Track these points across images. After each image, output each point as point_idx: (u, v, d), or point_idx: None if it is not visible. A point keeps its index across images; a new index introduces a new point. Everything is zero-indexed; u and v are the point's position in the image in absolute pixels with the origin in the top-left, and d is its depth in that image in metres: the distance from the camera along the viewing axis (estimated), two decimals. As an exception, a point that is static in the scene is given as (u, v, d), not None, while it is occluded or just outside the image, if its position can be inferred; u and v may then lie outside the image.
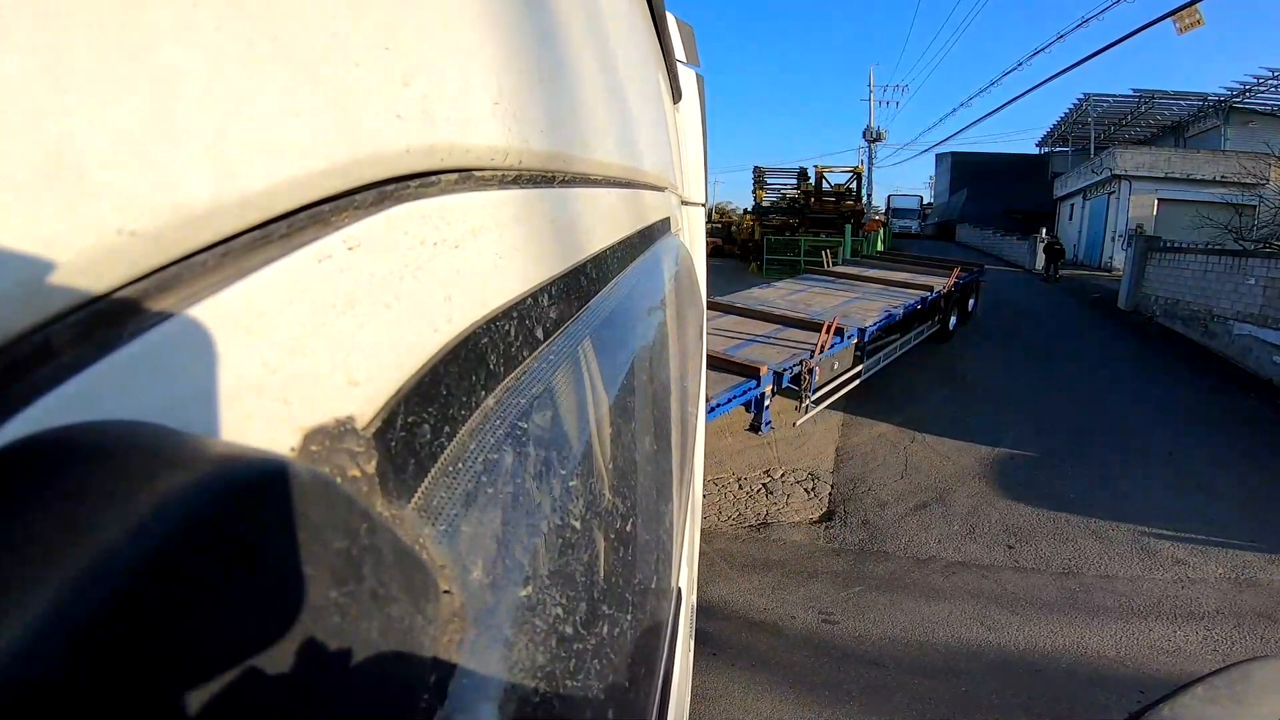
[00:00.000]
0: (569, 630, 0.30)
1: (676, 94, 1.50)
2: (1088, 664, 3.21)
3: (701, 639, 3.18)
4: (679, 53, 1.67)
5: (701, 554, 3.84)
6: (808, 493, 4.80)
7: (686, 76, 1.73)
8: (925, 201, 40.38)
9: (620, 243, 0.60)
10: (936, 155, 39.85)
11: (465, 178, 0.30)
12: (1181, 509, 4.66)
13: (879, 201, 32.74)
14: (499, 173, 0.33)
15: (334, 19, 0.21)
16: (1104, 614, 3.57)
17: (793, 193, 19.90)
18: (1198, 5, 11.22)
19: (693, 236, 1.57)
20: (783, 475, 5.04)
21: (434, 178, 0.27)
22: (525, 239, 0.35)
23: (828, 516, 4.51)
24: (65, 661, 0.11)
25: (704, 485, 4.55)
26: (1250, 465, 5.46)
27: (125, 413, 0.14)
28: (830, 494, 4.80)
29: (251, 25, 0.18)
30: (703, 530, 4.13)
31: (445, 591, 0.21)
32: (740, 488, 4.84)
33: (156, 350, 0.15)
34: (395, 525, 0.20)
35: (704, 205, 1.96)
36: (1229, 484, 5.11)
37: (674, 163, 1.28)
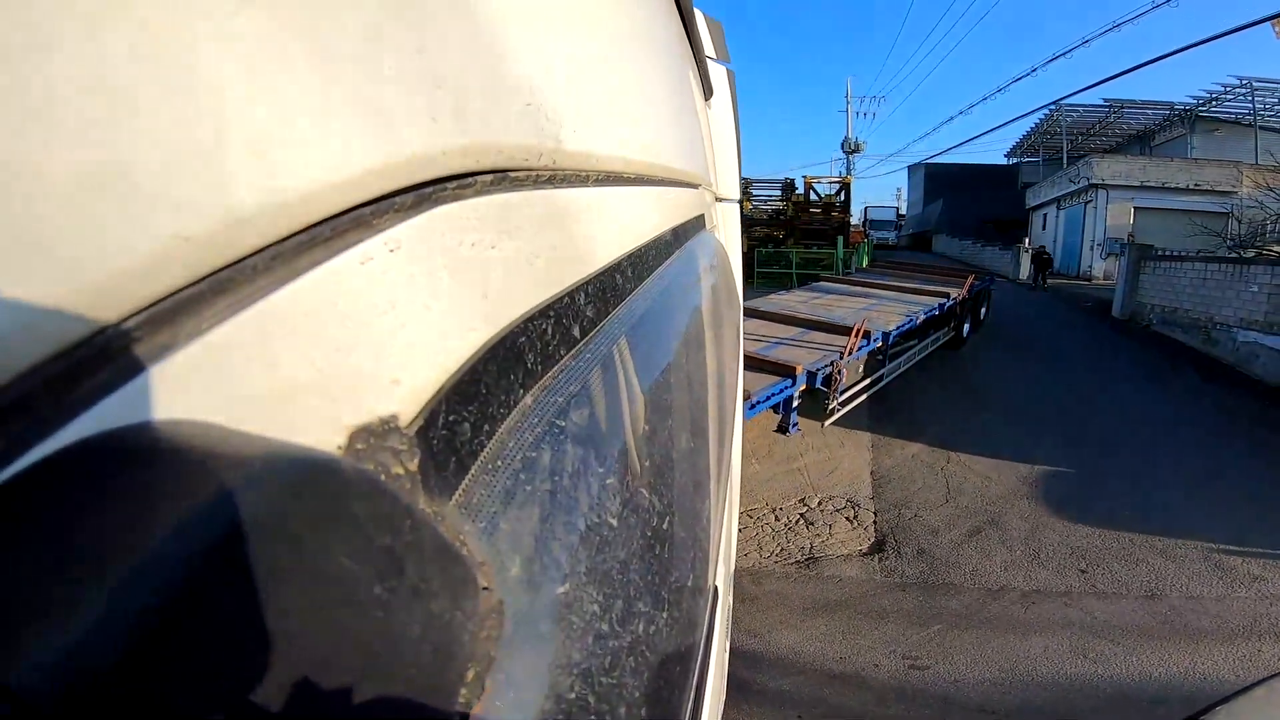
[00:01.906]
0: (605, 627, 0.30)
1: (707, 90, 1.49)
2: (1210, 690, 2.96)
3: (782, 699, 2.99)
4: (709, 49, 1.66)
5: (755, 598, 3.69)
6: (850, 521, 4.54)
7: (717, 73, 1.72)
8: (900, 213, 39.94)
9: (655, 240, 0.59)
10: (909, 167, 39.28)
11: (500, 179, 0.30)
12: (1238, 521, 4.44)
13: (855, 212, 32.20)
14: (533, 173, 0.34)
15: (368, 24, 0.22)
16: (1205, 636, 3.37)
17: (778, 204, 19.09)
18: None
19: (727, 232, 1.56)
20: (820, 504, 4.77)
21: (470, 179, 0.27)
22: (560, 238, 0.35)
23: (878, 547, 4.25)
24: (126, 653, 0.12)
25: (740, 519, 4.38)
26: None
27: (183, 413, 0.15)
28: (875, 522, 4.54)
29: (289, 34, 0.18)
30: (750, 570, 3.97)
31: (485, 588, 0.22)
32: (777, 519, 4.57)
33: (212, 351, 0.15)
34: (437, 522, 0.20)
35: (738, 201, 1.95)
36: (1270, 490, 4.89)
37: (707, 159, 1.27)
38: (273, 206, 0.18)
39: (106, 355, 0.14)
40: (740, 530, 4.36)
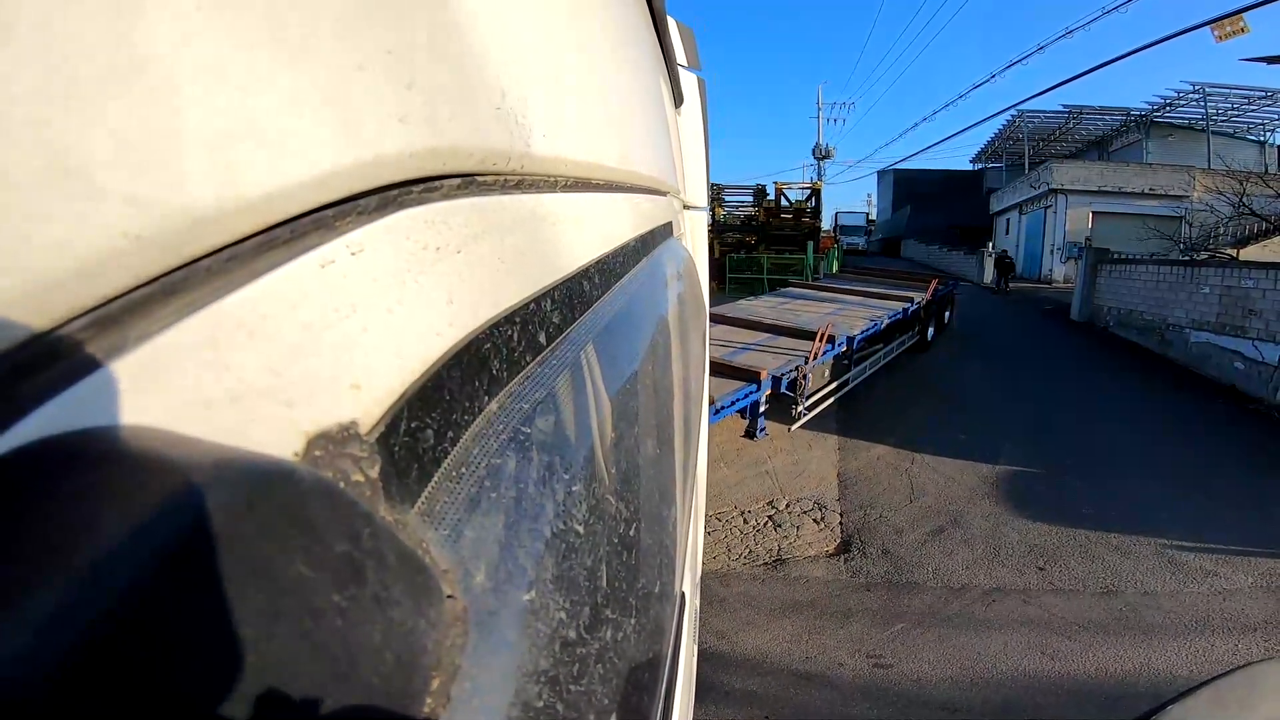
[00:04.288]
0: (572, 634, 0.30)
1: (678, 98, 1.51)
2: (1166, 686, 3.06)
3: (750, 699, 3.02)
4: (680, 56, 1.67)
5: (723, 600, 3.72)
6: (817, 523, 4.59)
7: (687, 80, 1.73)
8: (870, 218, 41.07)
9: (623, 247, 0.60)
10: (878, 173, 40.49)
11: (467, 182, 0.30)
12: (1192, 517, 4.65)
13: (826, 218, 33.08)
14: (501, 177, 0.34)
15: (337, 22, 0.21)
16: (1161, 632, 3.49)
17: (750, 210, 19.14)
18: (1242, 15, 10.78)
19: (695, 240, 1.57)
20: (788, 506, 4.82)
21: (436, 183, 0.27)
22: (527, 244, 0.35)
23: (844, 548, 4.31)
24: (68, 664, 0.11)
25: (707, 521, 4.42)
26: (1237, 466, 5.53)
27: (131, 417, 0.14)
28: (841, 523, 4.61)
29: (254, 29, 0.18)
30: (719, 573, 3.99)
31: (449, 596, 0.21)
32: (745, 522, 4.60)
33: (162, 355, 0.15)
34: (398, 530, 0.20)
35: (706, 209, 1.97)
36: (1227, 487, 5.14)
37: (676, 166, 1.28)
38: (231, 206, 0.17)
39: (50, 358, 0.13)
40: (709, 533, 4.38)
